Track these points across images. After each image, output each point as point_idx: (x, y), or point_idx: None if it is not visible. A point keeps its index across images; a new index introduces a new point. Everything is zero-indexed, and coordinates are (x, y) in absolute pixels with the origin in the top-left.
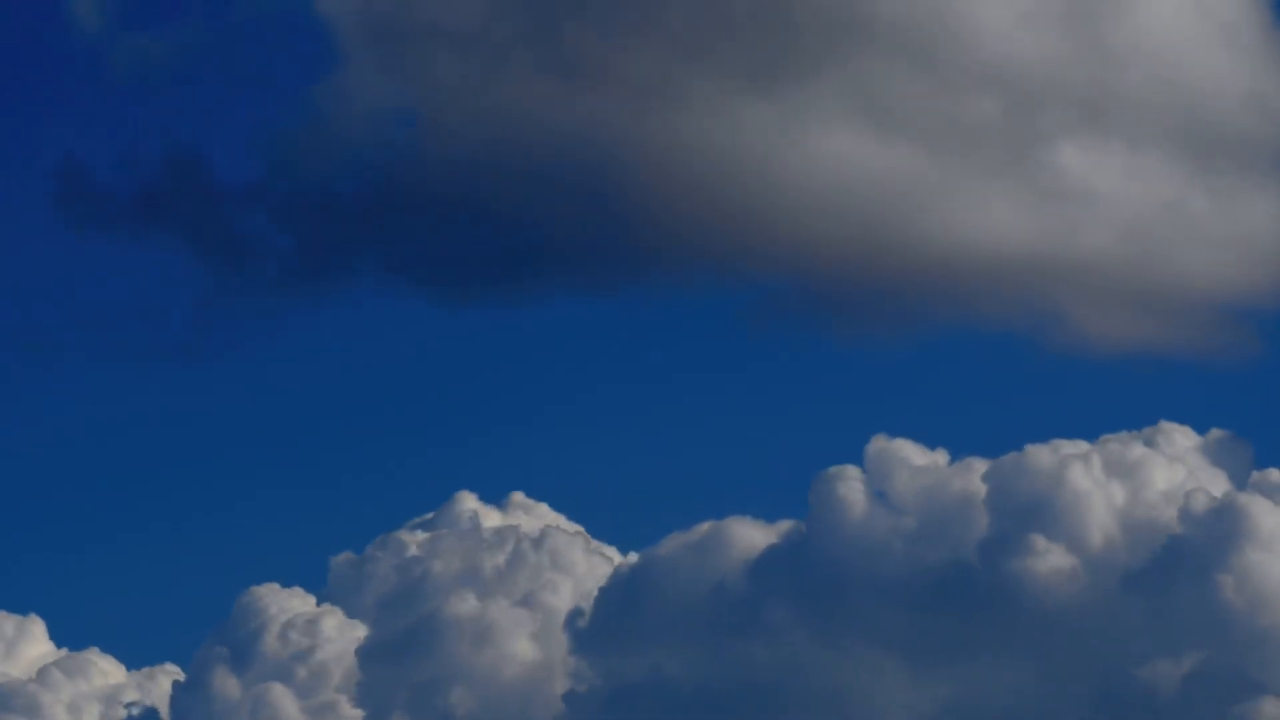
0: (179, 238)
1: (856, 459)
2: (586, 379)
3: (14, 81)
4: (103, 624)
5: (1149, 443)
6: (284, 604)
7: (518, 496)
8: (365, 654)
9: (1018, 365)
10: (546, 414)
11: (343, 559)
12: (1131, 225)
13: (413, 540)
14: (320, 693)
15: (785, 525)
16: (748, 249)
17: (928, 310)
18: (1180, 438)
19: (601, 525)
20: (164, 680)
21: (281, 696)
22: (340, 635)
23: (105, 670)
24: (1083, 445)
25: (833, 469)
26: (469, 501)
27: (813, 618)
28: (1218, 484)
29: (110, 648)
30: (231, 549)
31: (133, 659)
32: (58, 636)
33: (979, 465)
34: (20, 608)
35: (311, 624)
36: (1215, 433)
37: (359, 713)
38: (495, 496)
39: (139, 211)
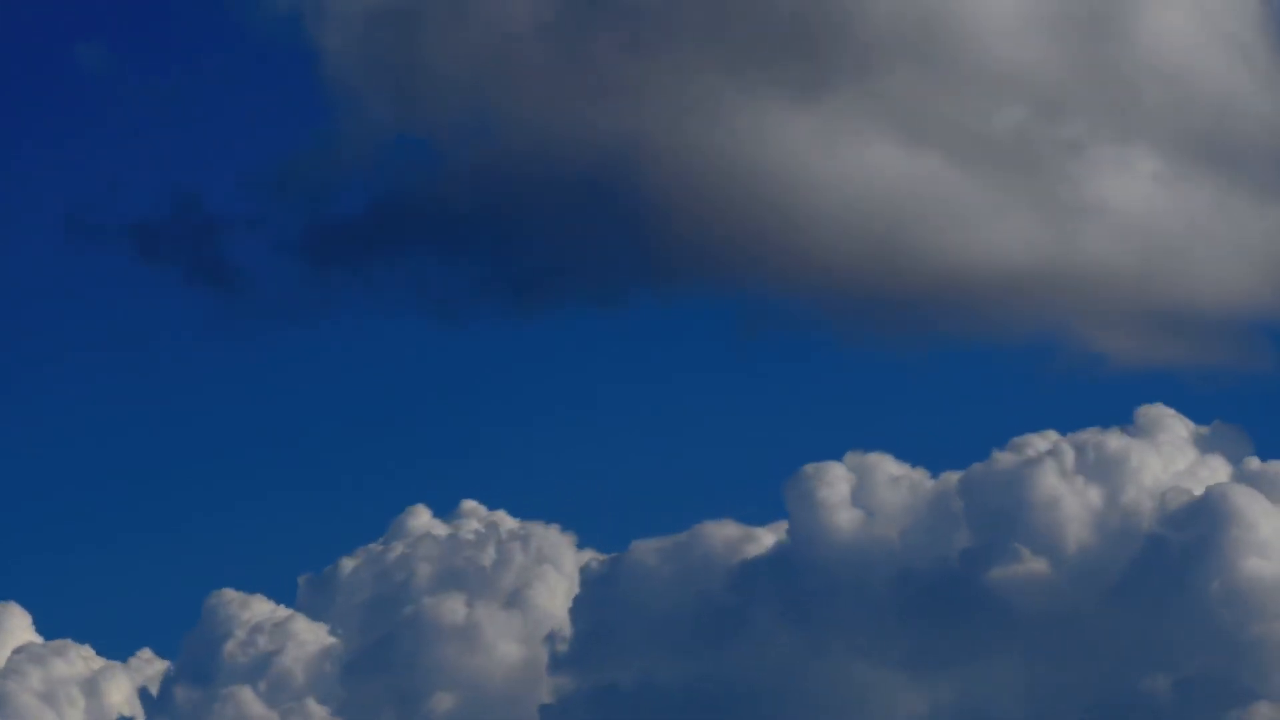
0: (180, 266)
1: None
2: (585, 386)
3: (27, 119)
4: (82, 615)
5: (1142, 432)
6: (254, 610)
7: (469, 504)
8: (346, 666)
9: (1031, 378)
10: (535, 424)
11: (306, 578)
12: (1148, 239)
13: (385, 548)
14: (293, 697)
15: (760, 529)
16: (764, 260)
17: (943, 322)
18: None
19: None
20: (141, 668)
21: (251, 701)
22: (311, 640)
23: (83, 659)
24: (1079, 436)
25: (809, 467)
26: (423, 516)
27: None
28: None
29: (87, 638)
30: (216, 551)
31: (111, 651)
32: (43, 628)
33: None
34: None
35: (281, 629)
36: (1201, 429)
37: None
38: (491, 503)
39: (142, 241)
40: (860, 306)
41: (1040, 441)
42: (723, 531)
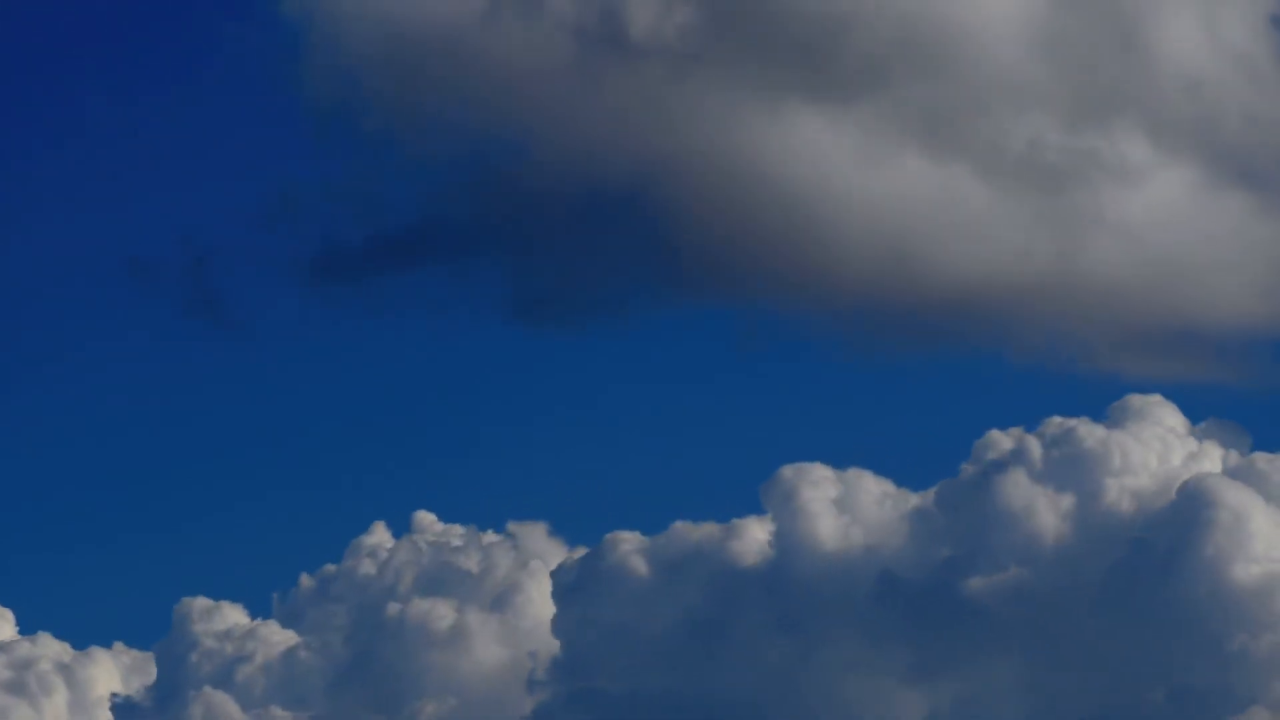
0: (177, 300)
1: None
2: (580, 397)
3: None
4: (59, 615)
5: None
6: (230, 618)
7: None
8: (323, 674)
9: (1041, 393)
10: (525, 433)
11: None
12: (1167, 255)
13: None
14: (267, 706)
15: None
16: (775, 271)
17: (954, 335)
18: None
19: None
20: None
21: (226, 707)
22: (289, 650)
23: (56, 652)
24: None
25: (786, 469)
26: (379, 533)
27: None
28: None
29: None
30: (197, 558)
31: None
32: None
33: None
34: None
35: (257, 637)
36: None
37: None
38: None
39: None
40: (871, 318)
41: (1010, 441)
42: (700, 532)
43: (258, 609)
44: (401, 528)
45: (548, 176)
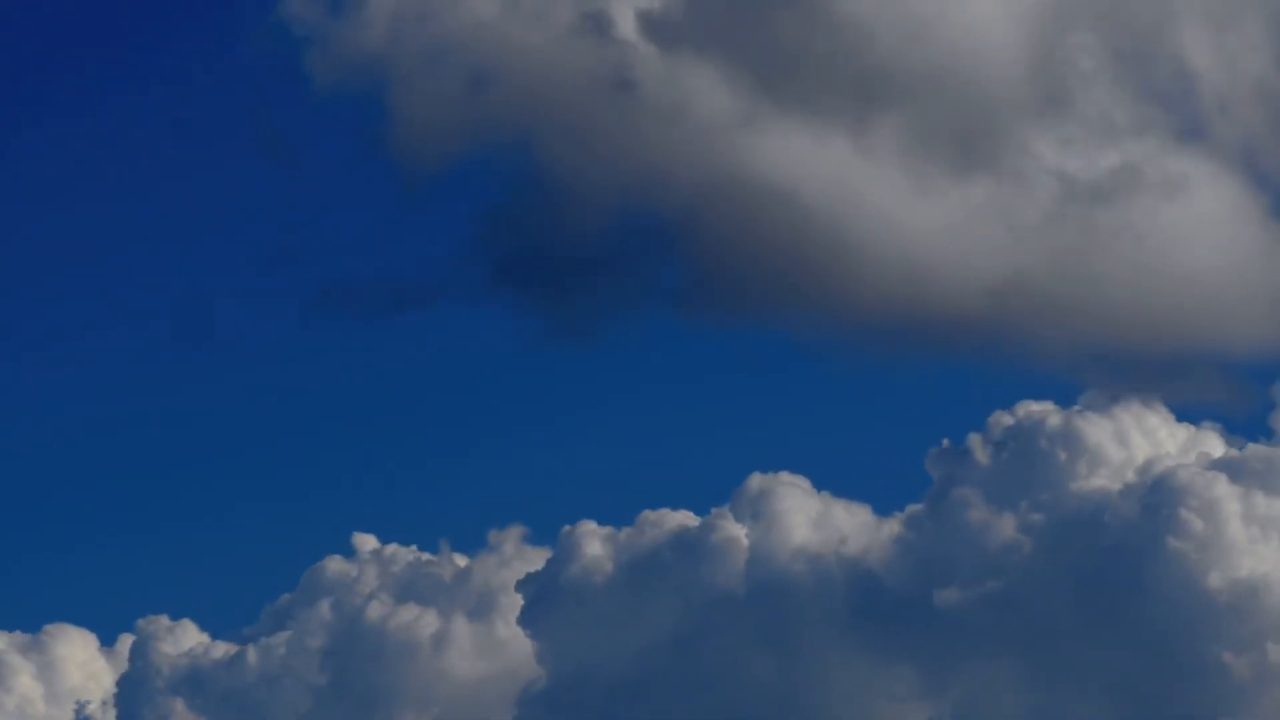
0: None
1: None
2: (574, 410)
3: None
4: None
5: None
6: (195, 637)
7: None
8: (300, 691)
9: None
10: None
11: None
12: (1188, 274)
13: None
14: None
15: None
16: (789, 287)
17: (970, 352)
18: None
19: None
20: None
21: None
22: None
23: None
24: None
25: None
26: (334, 563)
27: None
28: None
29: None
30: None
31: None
32: None
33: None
34: None
35: (212, 654)
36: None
37: None
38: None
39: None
40: (886, 335)
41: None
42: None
43: (235, 623)
44: (383, 539)
45: (565, 207)
